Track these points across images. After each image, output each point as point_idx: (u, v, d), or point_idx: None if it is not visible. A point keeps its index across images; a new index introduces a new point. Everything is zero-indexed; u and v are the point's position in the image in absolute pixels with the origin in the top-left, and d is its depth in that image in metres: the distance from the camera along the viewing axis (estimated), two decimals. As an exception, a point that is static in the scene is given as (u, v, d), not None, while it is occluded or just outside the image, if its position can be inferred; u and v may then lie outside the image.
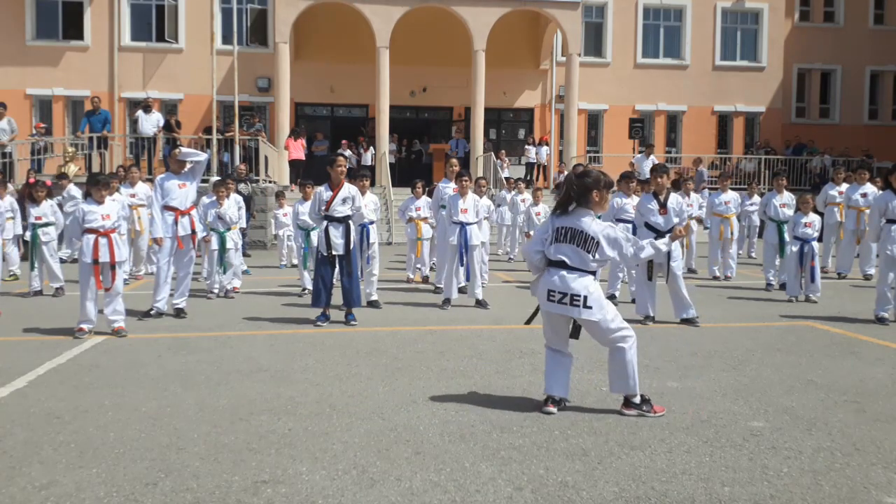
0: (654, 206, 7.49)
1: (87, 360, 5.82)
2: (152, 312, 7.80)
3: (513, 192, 15.06)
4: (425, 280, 10.85)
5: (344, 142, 22.09)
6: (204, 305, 8.70)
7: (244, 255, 12.03)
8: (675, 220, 7.50)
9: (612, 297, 8.95)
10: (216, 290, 9.33)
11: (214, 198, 9.50)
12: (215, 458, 3.66)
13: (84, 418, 4.29)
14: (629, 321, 7.47)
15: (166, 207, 7.77)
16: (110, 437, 3.96)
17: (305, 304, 8.40)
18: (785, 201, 10.16)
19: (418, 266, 11.10)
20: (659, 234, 7.42)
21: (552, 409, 4.44)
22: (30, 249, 9.74)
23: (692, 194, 11.71)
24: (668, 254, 7.37)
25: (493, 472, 3.51)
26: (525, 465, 3.60)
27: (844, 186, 12.14)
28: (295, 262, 12.95)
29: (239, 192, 11.53)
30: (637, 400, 4.44)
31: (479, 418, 4.31)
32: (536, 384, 5.09)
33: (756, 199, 14.19)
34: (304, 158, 20.47)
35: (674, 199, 7.55)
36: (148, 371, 5.46)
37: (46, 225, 9.73)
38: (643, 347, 6.31)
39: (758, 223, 14.39)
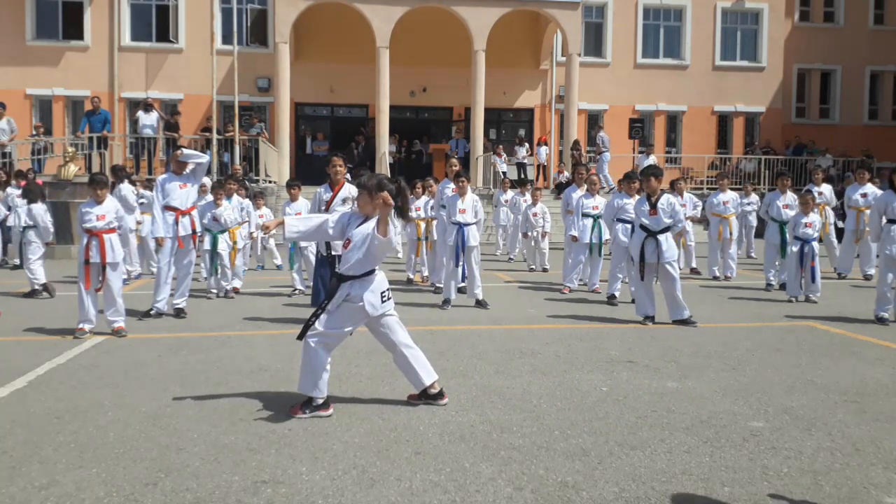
0: (647, 206, 7.51)
1: (87, 360, 5.82)
2: (152, 312, 7.80)
3: (514, 192, 15.09)
4: (425, 280, 10.85)
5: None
6: (204, 305, 8.71)
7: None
8: (668, 220, 7.48)
9: (612, 298, 8.96)
10: (216, 291, 9.33)
11: (212, 198, 9.50)
12: (215, 458, 3.66)
13: (84, 418, 4.29)
14: (629, 321, 7.56)
15: (167, 207, 7.77)
16: (110, 437, 3.96)
17: (305, 304, 8.40)
18: (787, 202, 10.12)
19: (419, 268, 11.09)
20: (650, 234, 7.44)
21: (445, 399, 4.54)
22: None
23: (685, 194, 11.71)
24: (660, 254, 7.38)
25: (493, 472, 3.50)
26: (525, 465, 3.59)
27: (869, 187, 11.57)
28: (278, 263, 12.99)
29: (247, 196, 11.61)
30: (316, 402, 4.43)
31: (479, 418, 4.31)
32: (536, 384, 5.09)
33: (753, 198, 14.23)
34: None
35: (665, 200, 7.53)
36: (148, 371, 5.46)
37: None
38: (643, 348, 6.35)
39: (754, 223, 14.44)
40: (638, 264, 7.50)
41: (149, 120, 18.16)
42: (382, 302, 4.42)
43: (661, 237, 7.43)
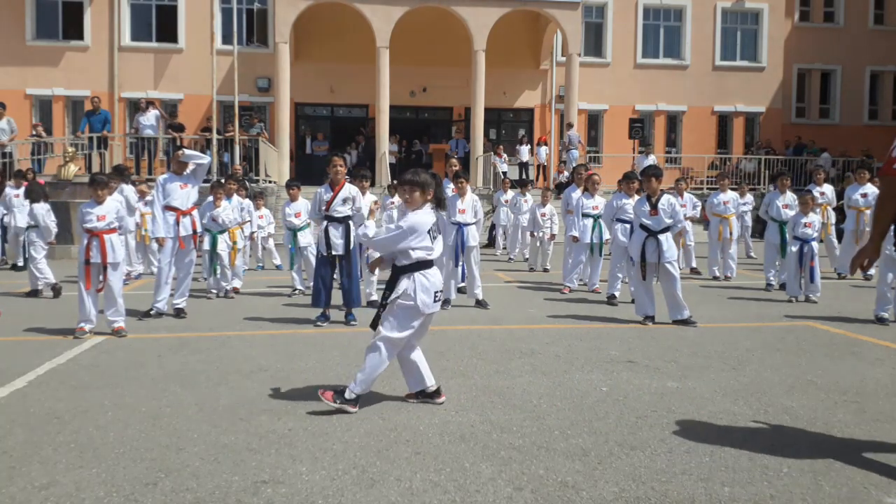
0: (647, 207, 7.51)
1: (87, 360, 5.82)
2: (152, 312, 7.80)
3: (514, 192, 15.11)
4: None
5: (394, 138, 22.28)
6: (204, 305, 8.71)
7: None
8: (668, 220, 7.48)
9: (612, 298, 8.96)
10: (216, 291, 9.33)
11: (211, 199, 9.50)
12: (215, 458, 3.66)
13: (84, 418, 4.29)
14: (629, 321, 7.56)
15: (168, 207, 7.77)
16: (110, 437, 3.96)
17: (305, 304, 8.40)
18: (787, 202, 10.11)
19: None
20: (651, 234, 7.44)
21: (442, 398, 4.57)
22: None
23: (685, 195, 11.73)
24: (661, 254, 7.38)
25: (493, 472, 3.50)
26: (525, 465, 3.59)
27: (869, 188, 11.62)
28: (277, 263, 12.98)
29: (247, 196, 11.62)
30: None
31: (479, 418, 4.31)
32: (536, 384, 5.09)
33: (749, 198, 14.26)
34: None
35: (665, 200, 7.53)
36: (148, 371, 5.46)
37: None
38: (644, 348, 6.34)
39: (750, 223, 14.46)
40: (639, 264, 7.50)
41: (147, 120, 18.14)
42: (435, 301, 4.42)
43: (662, 237, 7.43)
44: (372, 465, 3.57)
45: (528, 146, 22.91)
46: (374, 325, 4.45)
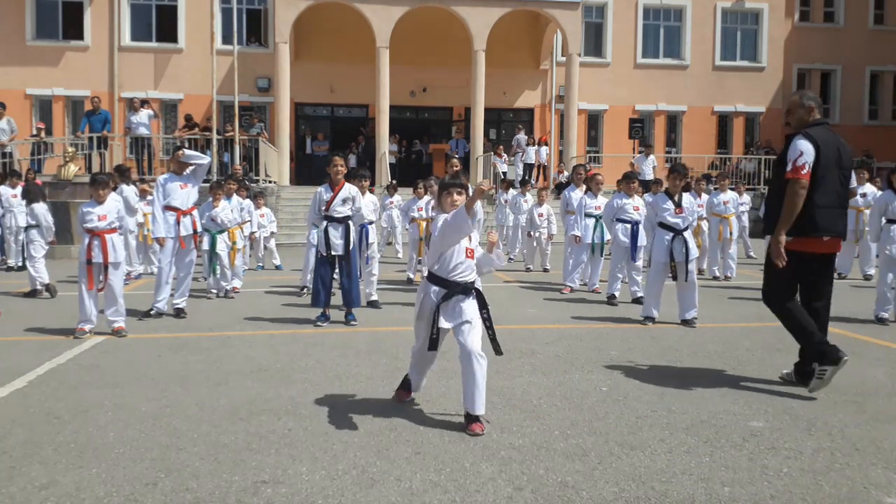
0: (670, 205, 7.50)
1: (87, 360, 5.82)
2: (152, 312, 7.80)
3: (515, 192, 15.14)
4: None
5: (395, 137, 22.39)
6: (204, 305, 8.71)
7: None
8: (690, 218, 7.55)
9: (612, 297, 8.95)
10: (216, 291, 9.34)
11: (211, 199, 9.50)
12: (215, 458, 3.66)
13: (84, 418, 4.29)
14: (629, 321, 7.56)
15: (168, 207, 7.78)
16: (110, 437, 3.96)
17: (305, 304, 8.41)
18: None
19: (420, 267, 11.09)
20: (676, 232, 7.42)
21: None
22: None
23: (703, 195, 11.74)
24: (687, 253, 7.37)
25: (493, 472, 3.50)
26: (525, 465, 3.59)
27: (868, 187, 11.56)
28: (277, 263, 12.98)
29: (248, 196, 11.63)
30: None
31: (479, 418, 4.31)
32: (536, 384, 5.09)
33: (746, 198, 14.30)
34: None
35: (687, 199, 7.58)
36: (148, 371, 5.46)
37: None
38: (644, 348, 6.34)
39: (747, 223, 14.48)
40: (668, 265, 7.44)
41: (140, 118, 18.07)
42: None
43: (687, 234, 7.45)
44: (372, 465, 3.57)
45: (536, 147, 22.89)
46: (499, 350, 4.37)
